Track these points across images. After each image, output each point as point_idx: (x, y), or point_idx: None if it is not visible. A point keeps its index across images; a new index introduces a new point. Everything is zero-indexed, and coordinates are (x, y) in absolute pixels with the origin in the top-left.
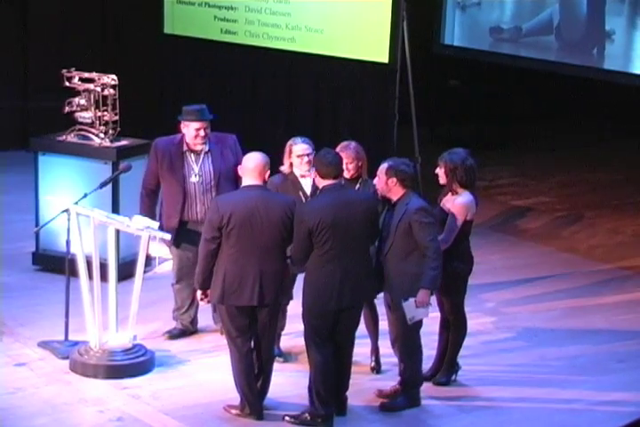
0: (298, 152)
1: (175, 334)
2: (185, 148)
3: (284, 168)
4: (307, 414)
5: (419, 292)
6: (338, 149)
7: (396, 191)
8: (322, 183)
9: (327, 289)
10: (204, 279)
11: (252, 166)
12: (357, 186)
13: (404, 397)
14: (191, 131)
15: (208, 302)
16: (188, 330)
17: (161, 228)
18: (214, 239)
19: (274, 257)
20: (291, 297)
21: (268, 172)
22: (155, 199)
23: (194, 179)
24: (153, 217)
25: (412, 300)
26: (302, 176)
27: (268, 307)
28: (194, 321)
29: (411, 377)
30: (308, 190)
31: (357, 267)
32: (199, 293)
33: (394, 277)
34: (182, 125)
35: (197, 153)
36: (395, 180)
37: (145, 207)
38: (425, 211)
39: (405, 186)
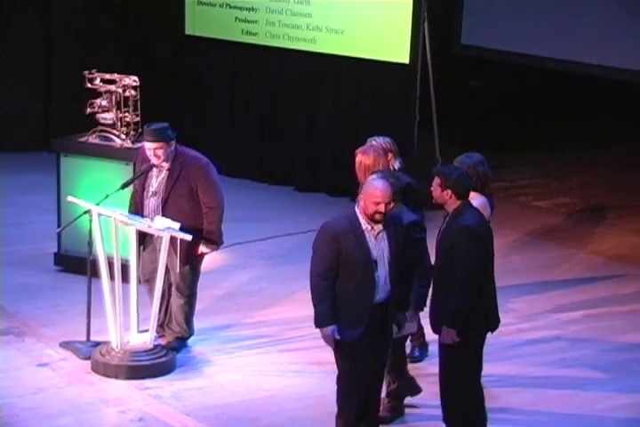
0: None
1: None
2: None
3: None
4: None
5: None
6: (359, 151)
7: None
8: (458, 204)
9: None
10: None
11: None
12: None
13: None
14: (146, 150)
15: None
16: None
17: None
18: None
19: None
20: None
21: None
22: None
23: (150, 191)
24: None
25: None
26: None
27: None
28: (162, 323)
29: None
30: None
31: None
32: None
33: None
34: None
35: (160, 169)
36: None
37: (132, 208)
38: (418, 225)
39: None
